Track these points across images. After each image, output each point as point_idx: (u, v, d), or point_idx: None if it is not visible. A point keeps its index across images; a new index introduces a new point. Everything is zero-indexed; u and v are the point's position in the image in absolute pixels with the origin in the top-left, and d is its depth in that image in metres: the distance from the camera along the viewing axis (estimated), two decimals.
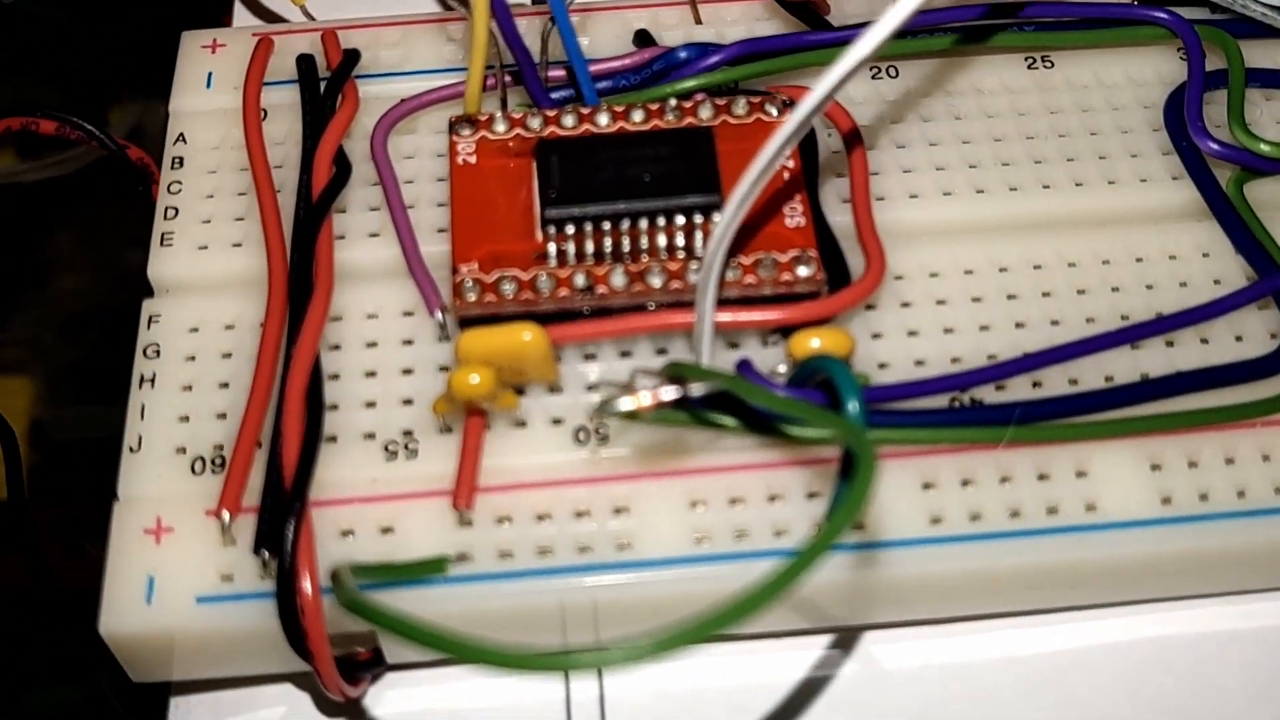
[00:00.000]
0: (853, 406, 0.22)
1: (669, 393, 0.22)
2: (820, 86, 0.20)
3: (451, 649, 0.19)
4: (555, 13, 0.27)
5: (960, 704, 0.24)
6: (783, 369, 0.25)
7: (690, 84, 0.28)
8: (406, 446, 0.25)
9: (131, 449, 0.25)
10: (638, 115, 0.27)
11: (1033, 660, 0.25)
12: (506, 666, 0.18)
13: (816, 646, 0.25)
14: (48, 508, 0.30)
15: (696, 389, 0.22)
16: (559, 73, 0.28)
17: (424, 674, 0.25)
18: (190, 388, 0.25)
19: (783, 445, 0.24)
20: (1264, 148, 0.27)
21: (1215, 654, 0.25)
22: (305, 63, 0.29)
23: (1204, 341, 0.26)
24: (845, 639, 0.25)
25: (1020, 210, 0.27)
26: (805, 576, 0.18)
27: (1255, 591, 0.25)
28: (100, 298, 0.33)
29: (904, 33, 0.26)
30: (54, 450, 0.31)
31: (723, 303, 0.25)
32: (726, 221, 0.22)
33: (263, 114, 0.28)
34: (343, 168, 0.27)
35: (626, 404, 0.22)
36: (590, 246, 0.26)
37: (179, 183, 0.28)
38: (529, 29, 0.28)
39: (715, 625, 0.17)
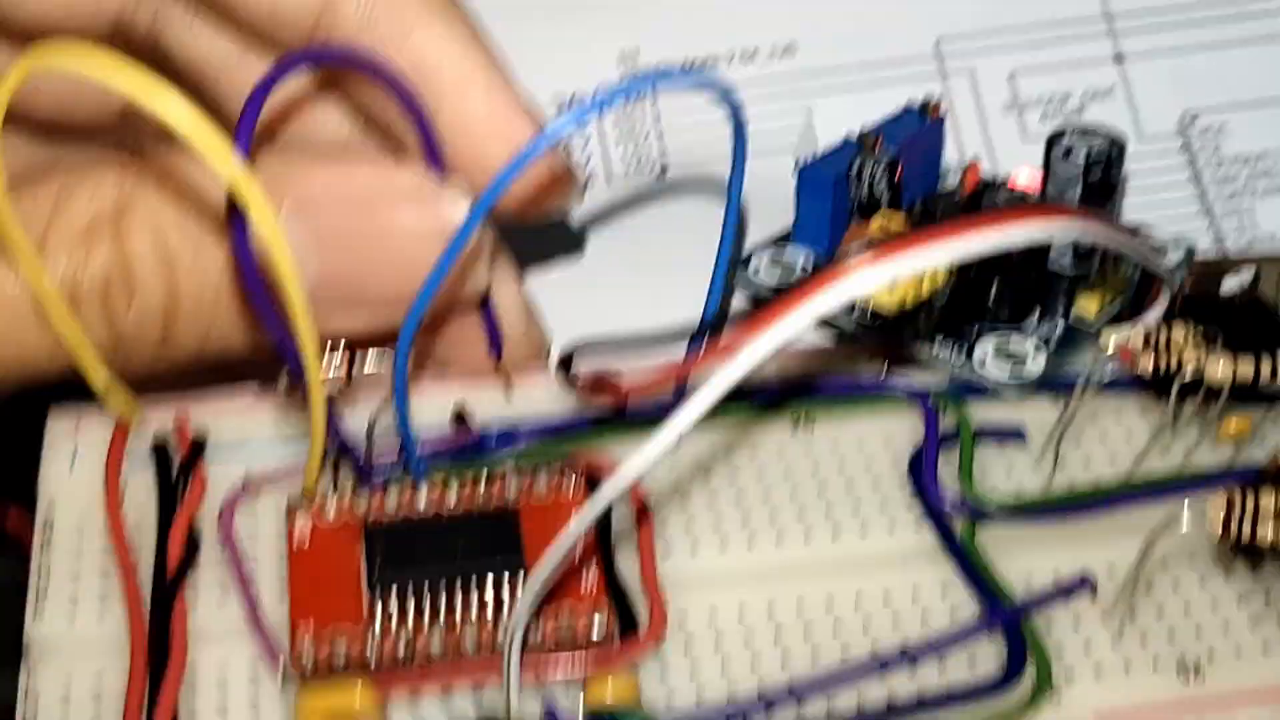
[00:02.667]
0: None
1: None
2: (607, 490, 0.26)
3: None
4: (398, 404, 0.32)
5: None
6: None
7: (500, 463, 0.33)
8: None
9: None
10: (452, 493, 0.32)
11: None
12: None
13: None
14: None
15: None
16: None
17: None
18: None
19: None
20: (992, 503, 0.33)
21: None
22: (159, 453, 0.33)
23: (941, 663, 0.30)
24: None
25: (785, 558, 0.32)
26: None
27: None
28: None
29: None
30: None
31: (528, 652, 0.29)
32: (529, 599, 0.27)
33: (122, 491, 0.32)
34: (192, 547, 0.31)
35: None
36: (412, 610, 0.30)
37: (47, 554, 0.32)
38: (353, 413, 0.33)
39: None
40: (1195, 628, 0.32)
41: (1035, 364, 0.35)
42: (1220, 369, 0.31)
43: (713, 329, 0.31)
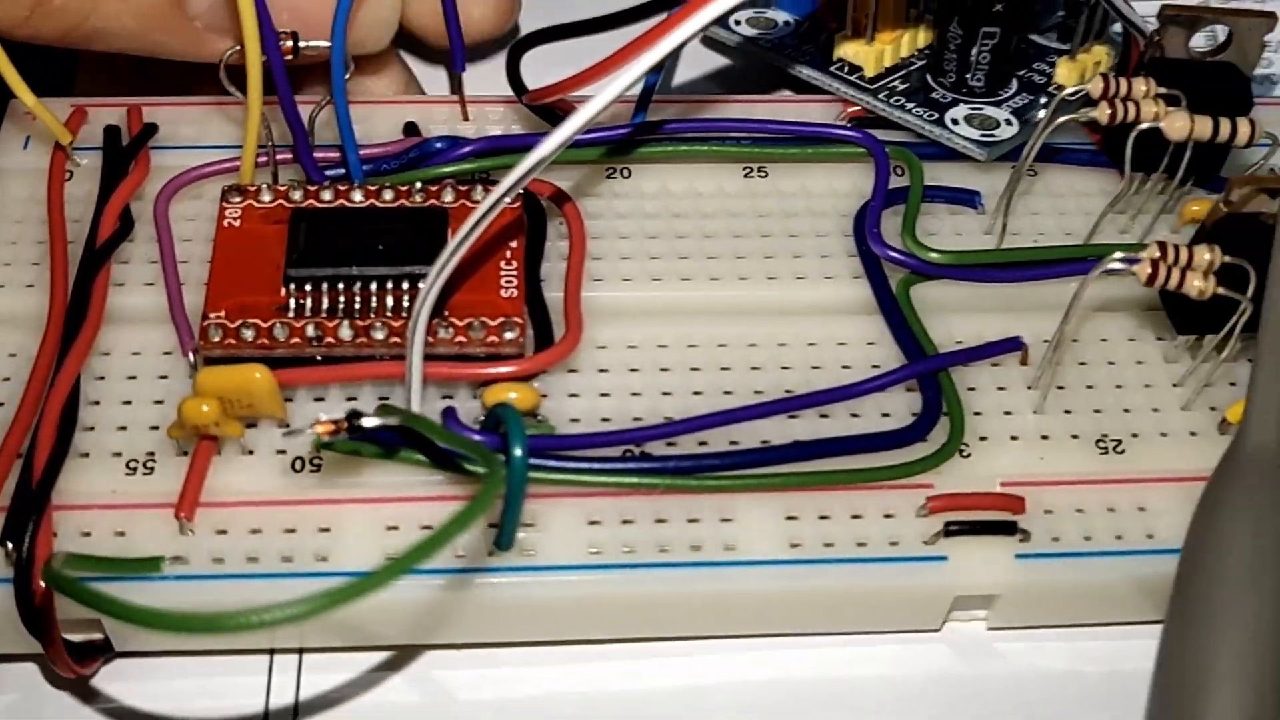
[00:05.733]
0: (515, 443, 0.26)
1: (346, 421, 0.26)
2: (508, 180, 0.26)
3: (119, 613, 0.23)
4: (337, 101, 0.32)
5: None
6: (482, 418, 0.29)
7: (441, 171, 0.32)
8: (145, 465, 0.29)
9: None
10: (388, 194, 0.32)
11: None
12: (157, 627, 0.22)
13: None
14: None
15: (369, 420, 0.26)
16: (333, 155, 0.33)
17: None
18: None
19: (469, 482, 0.28)
20: (933, 255, 0.32)
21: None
22: (110, 134, 0.33)
23: (854, 416, 0.30)
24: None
25: (716, 298, 0.32)
26: (440, 549, 0.23)
27: (870, 634, 0.29)
28: None
29: (634, 141, 0.32)
30: None
31: (439, 358, 0.29)
32: (430, 282, 0.27)
33: (68, 174, 0.33)
34: (126, 223, 0.31)
35: (319, 429, 0.26)
36: (326, 303, 0.30)
37: None
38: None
39: (359, 590, 0.22)
40: (1124, 408, 0.31)
41: (1006, 130, 0.34)
42: (1177, 124, 0.30)
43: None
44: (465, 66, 0.34)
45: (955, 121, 0.34)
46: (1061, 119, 0.31)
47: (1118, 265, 0.28)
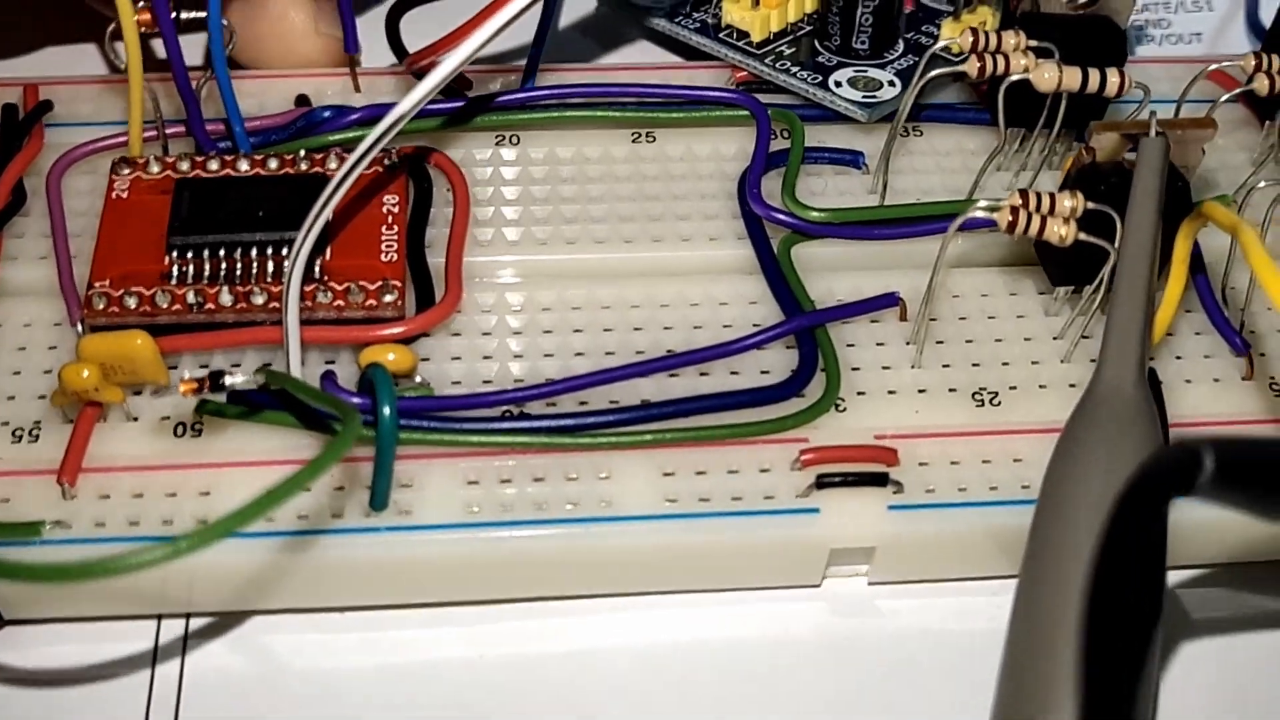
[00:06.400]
0: (384, 402, 0.26)
1: (208, 380, 0.26)
2: (366, 140, 0.27)
3: None
4: (217, 73, 0.32)
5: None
6: None
7: (326, 140, 0.33)
8: (31, 433, 0.29)
9: None
10: (274, 163, 0.32)
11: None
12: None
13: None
14: None
15: (231, 379, 0.26)
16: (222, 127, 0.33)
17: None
18: None
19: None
20: (813, 214, 0.32)
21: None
22: (8, 111, 0.34)
23: (734, 373, 0.30)
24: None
25: (601, 261, 0.32)
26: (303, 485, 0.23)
27: (752, 590, 0.29)
28: None
29: (523, 107, 0.33)
30: None
31: (320, 323, 0.30)
32: (299, 244, 0.27)
33: None
34: (18, 197, 0.32)
35: (182, 387, 0.27)
36: (208, 270, 0.30)
37: None
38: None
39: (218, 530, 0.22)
40: (1003, 362, 0.32)
41: (889, 91, 0.34)
42: (1046, 76, 0.30)
43: None
44: (359, 48, 0.34)
45: (838, 84, 0.34)
46: (932, 74, 0.31)
47: (979, 214, 0.28)
